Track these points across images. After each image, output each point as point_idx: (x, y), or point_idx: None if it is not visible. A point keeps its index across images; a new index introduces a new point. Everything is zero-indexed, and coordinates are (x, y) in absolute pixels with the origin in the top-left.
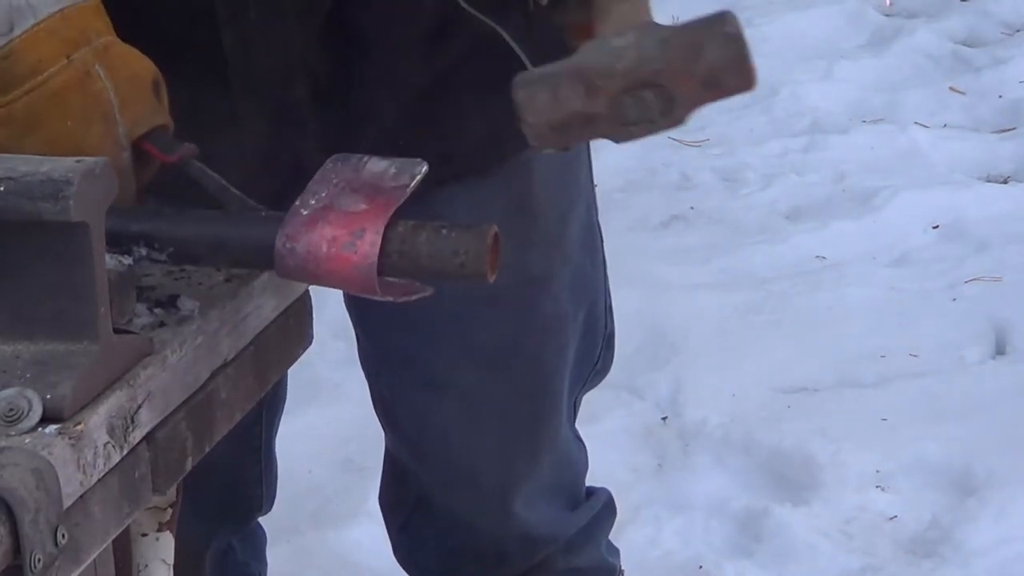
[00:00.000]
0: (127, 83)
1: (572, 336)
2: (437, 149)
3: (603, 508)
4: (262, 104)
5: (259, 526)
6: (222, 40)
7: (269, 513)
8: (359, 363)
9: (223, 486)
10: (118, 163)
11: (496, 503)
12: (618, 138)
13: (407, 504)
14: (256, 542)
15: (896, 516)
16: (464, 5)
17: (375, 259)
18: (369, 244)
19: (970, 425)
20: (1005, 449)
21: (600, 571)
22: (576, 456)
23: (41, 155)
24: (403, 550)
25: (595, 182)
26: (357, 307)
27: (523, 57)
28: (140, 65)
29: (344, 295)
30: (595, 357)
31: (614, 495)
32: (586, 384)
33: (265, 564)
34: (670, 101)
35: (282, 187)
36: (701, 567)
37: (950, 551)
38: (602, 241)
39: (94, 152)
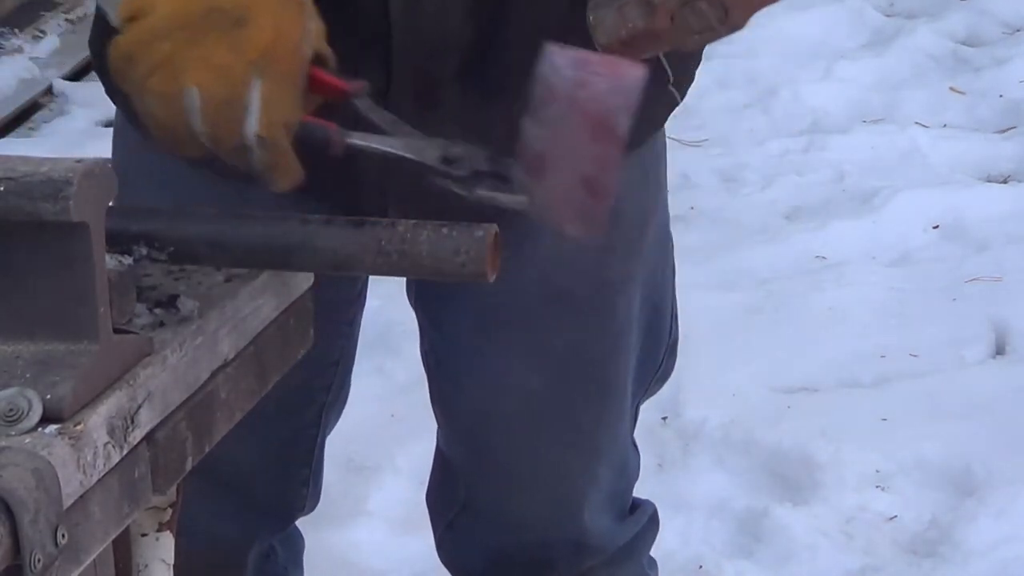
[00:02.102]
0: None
1: (638, 341)
2: None
3: (648, 521)
4: (415, 79)
5: (298, 531)
6: (389, 5)
7: None
8: (360, 363)
9: (271, 484)
10: (299, 63)
11: (550, 507)
12: (685, 46)
13: (456, 503)
14: (296, 547)
15: (896, 516)
16: None
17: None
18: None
19: (970, 425)
20: (1005, 449)
21: None
22: (632, 465)
23: None
24: (447, 550)
25: None
26: (427, 300)
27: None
28: None
29: (412, 290)
30: (658, 363)
31: None
32: (648, 390)
33: (302, 570)
34: (724, 9)
35: (419, 177)
36: (701, 567)
37: (950, 551)
38: (673, 249)
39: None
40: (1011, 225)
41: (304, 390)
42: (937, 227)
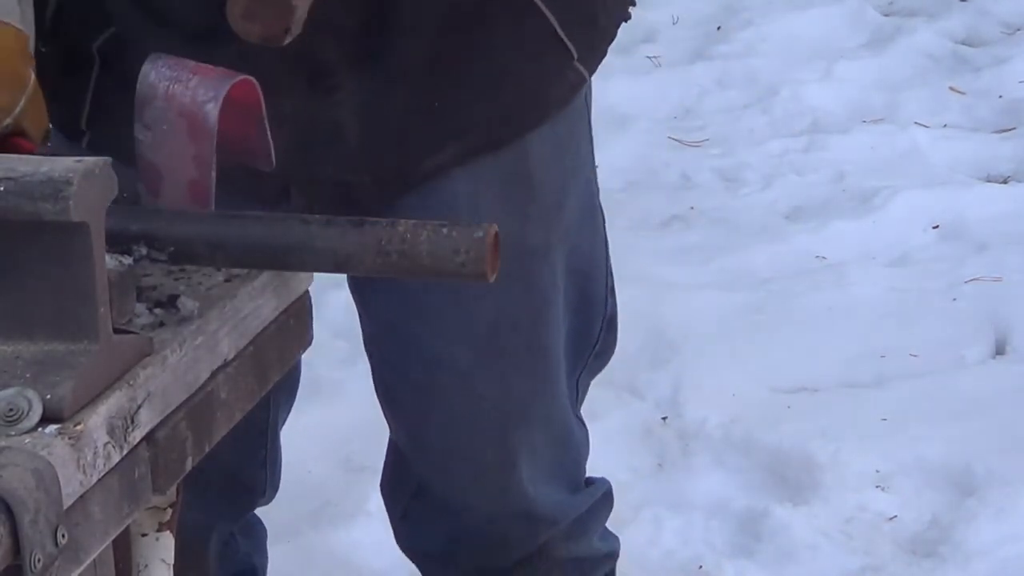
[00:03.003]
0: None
1: (567, 312)
2: (470, 112)
3: (602, 497)
4: (293, 67)
5: (259, 521)
6: None
7: (270, 513)
8: (358, 363)
9: (227, 467)
10: None
11: (495, 480)
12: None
13: (407, 490)
14: (257, 535)
15: (896, 516)
16: None
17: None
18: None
19: (970, 425)
20: (1005, 449)
21: (600, 560)
22: (578, 439)
23: None
24: (405, 537)
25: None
26: (360, 288)
27: (548, 15)
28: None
29: (348, 277)
30: (594, 338)
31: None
32: (587, 366)
33: (266, 557)
34: None
35: (320, 156)
36: (701, 567)
37: (950, 551)
38: (604, 222)
39: None
40: (1011, 225)
41: None
42: (937, 227)
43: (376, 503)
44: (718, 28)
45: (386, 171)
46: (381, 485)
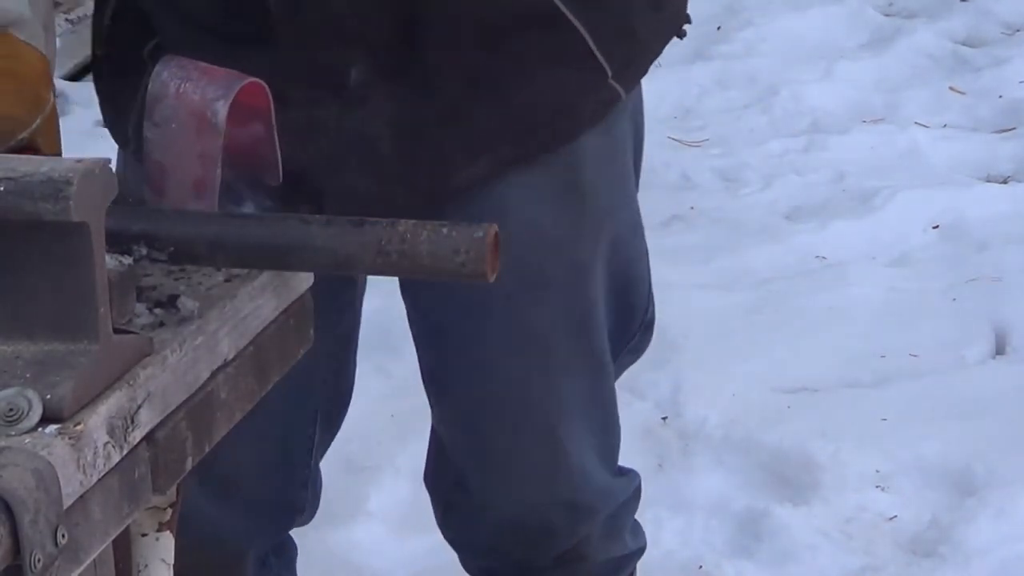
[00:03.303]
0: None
1: (609, 311)
2: (502, 125)
3: (635, 490)
4: (325, 79)
5: (291, 540)
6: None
7: None
8: (359, 364)
9: (272, 482)
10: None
11: (540, 475)
12: None
13: (452, 481)
14: (289, 554)
15: (896, 516)
16: None
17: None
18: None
19: (970, 425)
20: (1005, 449)
21: (632, 556)
22: (617, 422)
23: None
24: (450, 527)
25: None
26: (412, 288)
27: (583, 31)
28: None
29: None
30: (630, 336)
31: None
32: (620, 361)
33: None
34: None
35: (354, 167)
36: (701, 567)
37: (950, 551)
38: (643, 232)
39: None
40: (1011, 225)
41: (301, 385)
42: (937, 227)
43: (376, 503)
44: (718, 28)
45: (419, 183)
46: (424, 475)
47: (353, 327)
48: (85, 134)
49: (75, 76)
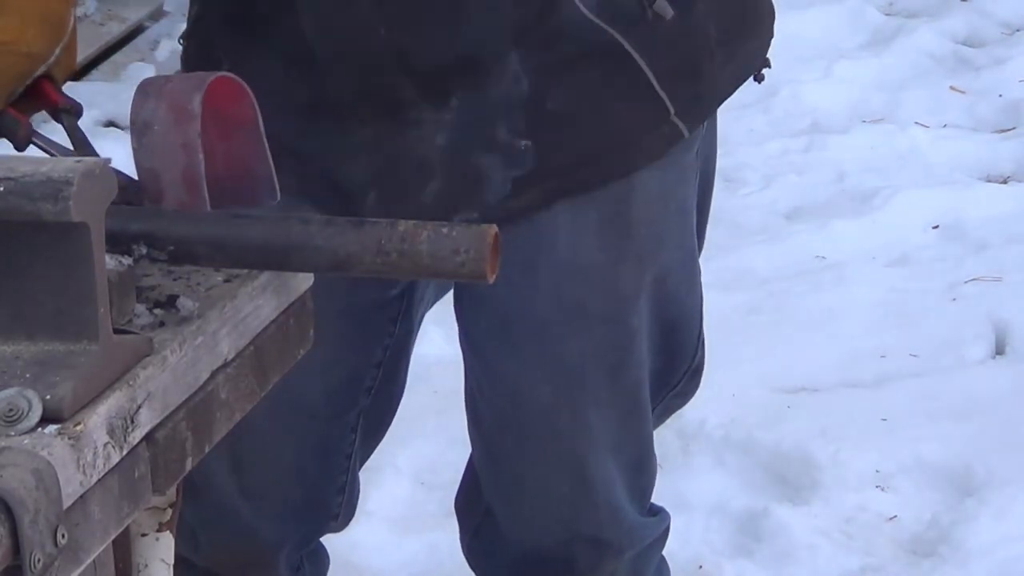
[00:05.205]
0: None
1: (651, 351)
2: (555, 158)
3: (663, 532)
4: (375, 100)
5: (324, 548)
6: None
7: None
8: None
9: (306, 487)
10: (18, 66)
11: (567, 510)
12: None
13: (481, 508)
14: (322, 564)
15: (896, 516)
16: (583, 10)
17: None
18: None
19: (970, 425)
20: (1005, 449)
21: None
22: (653, 466)
23: None
24: (475, 555)
25: None
26: (460, 303)
27: (645, 67)
28: None
29: (453, 294)
30: (675, 380)
31: None
32: (663, 403)
33: None
34: None
35: (406, 187)
36: (701, 567)
37: (950, 551)
38: (700, 275)
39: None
40: (1011, 225)
41: (345, 391)
42: (937, 227)
43: (376, 503)
44: None
45: (467, 210)
46: (456, 500)
47: (406, 338)
48: (86, 134)
49: (75, 76)
